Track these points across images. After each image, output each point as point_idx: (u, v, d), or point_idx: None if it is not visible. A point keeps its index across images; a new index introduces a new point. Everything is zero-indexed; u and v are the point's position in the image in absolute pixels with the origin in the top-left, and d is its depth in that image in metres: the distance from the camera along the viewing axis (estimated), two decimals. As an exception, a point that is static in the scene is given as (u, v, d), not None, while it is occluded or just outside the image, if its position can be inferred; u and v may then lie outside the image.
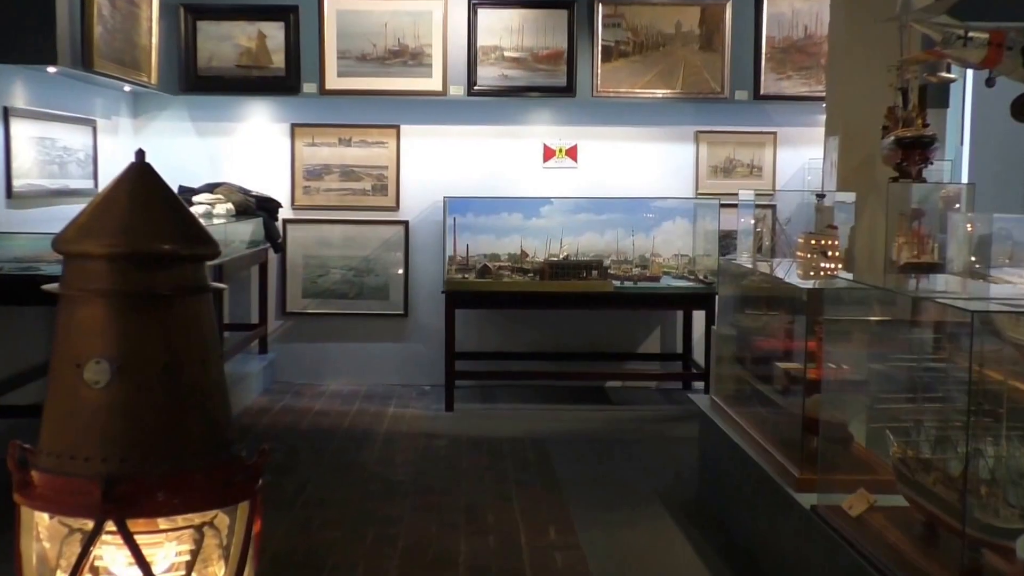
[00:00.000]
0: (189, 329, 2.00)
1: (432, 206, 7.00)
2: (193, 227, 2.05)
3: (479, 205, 6.80)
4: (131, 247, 1.95)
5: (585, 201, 6.87)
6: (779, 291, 4.23)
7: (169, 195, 2.05)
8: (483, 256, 6.76)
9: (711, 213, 6.70)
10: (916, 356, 3.28)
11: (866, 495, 3.25)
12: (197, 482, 1.95)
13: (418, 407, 6.52)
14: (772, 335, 4.33)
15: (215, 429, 2.00)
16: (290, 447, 5.53)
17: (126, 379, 1.94)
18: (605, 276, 6.59)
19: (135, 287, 1.96)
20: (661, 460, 5.43)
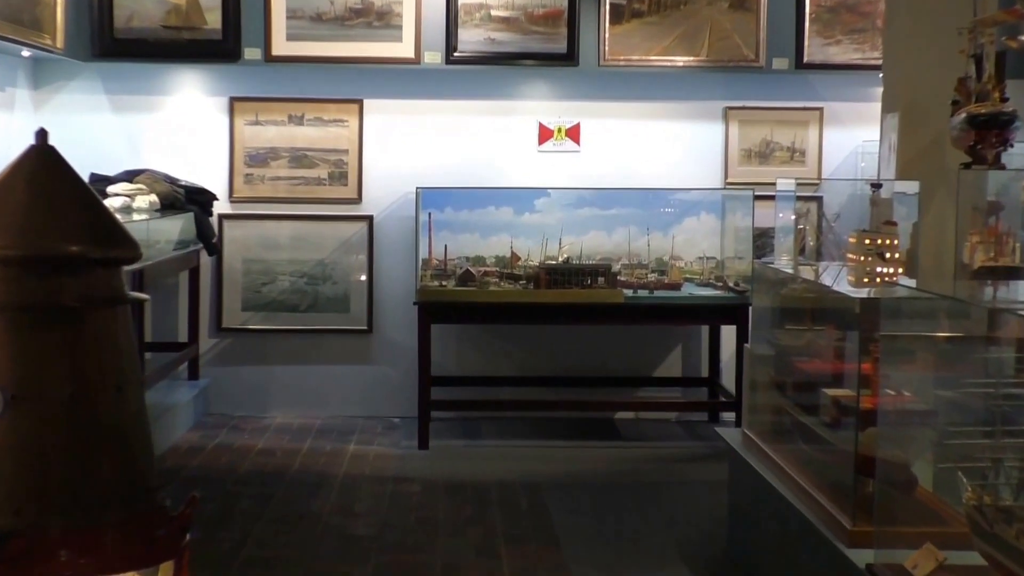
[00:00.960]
0: (102, 350, 1.98)
1: (402, 198, 7.00)
2: (107, 224, 2.03)
3: (460, 197, 6.80)
4: (29, 249, 1.94)
5: (589, 193, 6.88)
6: (826, 302, 4.23)
7: (77, 185, 2.03)
8: (465, 259, 6.76)
9: (743, 207, 6.71)
10: (994, 381, 3.27)
11: (934, 551, 3.25)
12: (110, 538, 1.93)
13: (385, 444, 6.51)
14: (818, 355, 4.33)
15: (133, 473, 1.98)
16: (226, 495, 5.52)
17: (22, 412, 1.92)
18: (614, 284, 6.60)
19: (34, 298, 1.94)
20: (682, 509, 5.43)
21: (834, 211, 5.10)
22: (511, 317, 6.61)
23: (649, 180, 7.00)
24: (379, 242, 7.05)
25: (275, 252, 7.04)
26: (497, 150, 7.05)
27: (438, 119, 7.05)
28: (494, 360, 7.11)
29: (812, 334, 4.44)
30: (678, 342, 7.18)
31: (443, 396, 6.70)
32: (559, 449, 6.51)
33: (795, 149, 7.10)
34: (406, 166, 7.01)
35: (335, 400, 7.10)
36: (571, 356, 7.12)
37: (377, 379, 7.11)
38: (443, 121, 7.05)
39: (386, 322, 7.08)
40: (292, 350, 7.09)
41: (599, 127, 7.07)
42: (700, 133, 7.11)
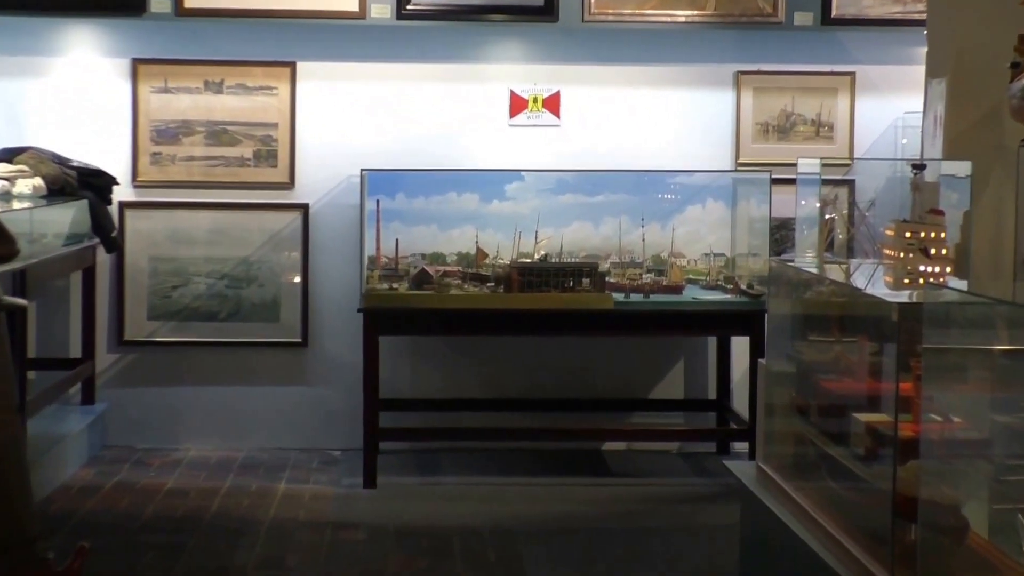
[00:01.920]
0: (-33, 366, 1.94)
1: (344, 183, 6.97)
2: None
3: (414, 181, 6.75)
4: None
5: (572, 176, 6.85)
6: (858, 307, 4.22)
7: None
8: (420, 257, 6.71)
9: (759, 193, 6.70)
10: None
11: (989, 610, 3.25)
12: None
13: (323, 482, 6.48)
14: (848, 373, 4.32)
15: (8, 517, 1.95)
16: (127, 545, 5.46)
17: None
18: (602, 286, 6.58)
19: None
20: (685, 560, 5.41)
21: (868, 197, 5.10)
22: (477, 327, 6.59)
23: (644, 160, 6.98)
24: (316, 236, 7.02)
25: (189, 248, 6.99)
26: (460, 124, 7.03)
27: (388, 87, 7.02)
28: (456, 379, 7.09)
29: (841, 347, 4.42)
30: (679, 357, 7.17)
31: (394, 423, 6.67)
32: (535, 488, 6.49)
33: (821, 123, 7.10)
34: (349, 144, 6.98)
35: (262, 429, 7.07)
36: (550, 374, 7.11)
37: (313, 403, 7.07)
38: (394, 89, 7.02)
39: (324, 333, 7.05)
40: (209, 368, 7.05)
41: (583, 96, 7.06)
42: (706, 104, 7.10)
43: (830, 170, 6.38)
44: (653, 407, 7.16)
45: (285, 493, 6.29)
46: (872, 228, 4.69)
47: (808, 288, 4.69)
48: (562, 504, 6.23)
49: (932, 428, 3.60)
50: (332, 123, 7.01)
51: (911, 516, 3.61)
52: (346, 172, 6.92)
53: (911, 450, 3.64)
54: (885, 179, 5.36)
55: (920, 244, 4.14)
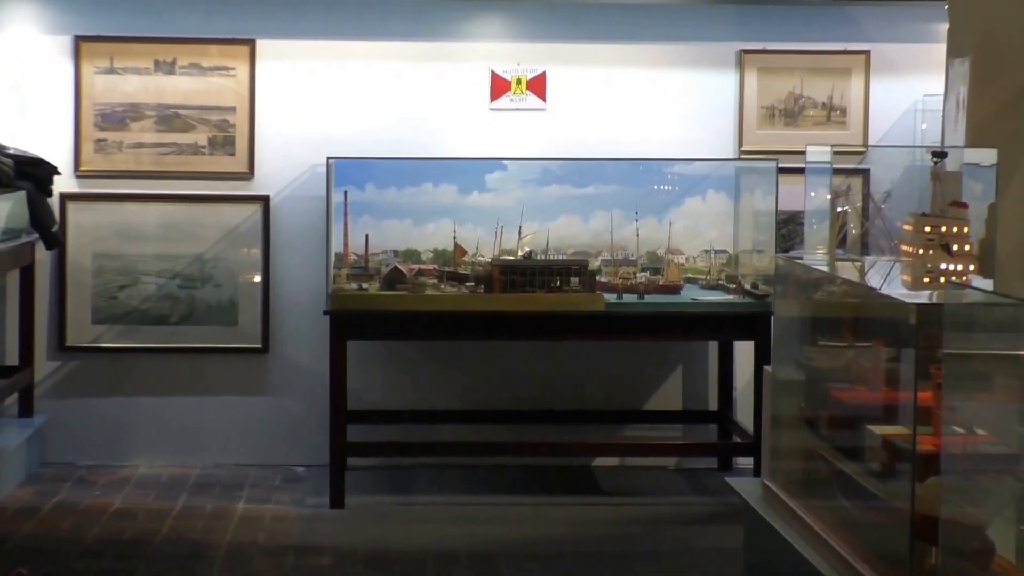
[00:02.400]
0: None
1: (308, 173, 6.96)
2: None
3: (386, 171, 6.74)
4: None
5: (559, 165, 6.84)
6: (873, 309, 4.23)
7: None
8: (392, 254, 6.70)
9: (764, 184, 6.70)
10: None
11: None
12: None
13: (285, 502, 6.48)
14: (862, 381, 4.33)
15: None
16: (68, 572, 5.43)
17: None
18: (592, 286, 6.58)
19: None
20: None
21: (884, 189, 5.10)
22: (454, 331, 6.58)
23: (638, 148, 6.98)
24: (278, 231, 7.00)
25: (137, 245, 6.98)
26: (436, 108, 7.02)
27: (357, 67, 7.01)
28: (432, 389, 7.09)
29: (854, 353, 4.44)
30: (677, 364, 7.17)
31: (363, 437, 6.66)
32: (518, 508, 6.49)
33: (832, 106, 7.10)
34: (314, 130, 6.97)
35: (218, 443, 7.06)
36: (534, 383, 7.11)
37: (275, 414, 7.07)
38: (364, 70, 7.01)
39: (287, 338, 7.04)
40: (160, 377, 7.04)
41: (571, 78, 7.06)
42: (706, 86, 7.10)
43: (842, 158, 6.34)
44: (648, 419, 7.16)
45: (243, 514, 6.27)
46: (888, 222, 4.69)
47: (818, 288, 4.70)
48: (548, 526, 6.22)
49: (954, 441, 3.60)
50: (295, 107, 6.99)
51: (931, 538, 3.61)
52: (311, 161, 6.91)
53: (931, 465, 3.65)
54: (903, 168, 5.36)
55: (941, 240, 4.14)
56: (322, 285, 6.65)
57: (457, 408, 7.06)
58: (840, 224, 4.90)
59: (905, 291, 4.07)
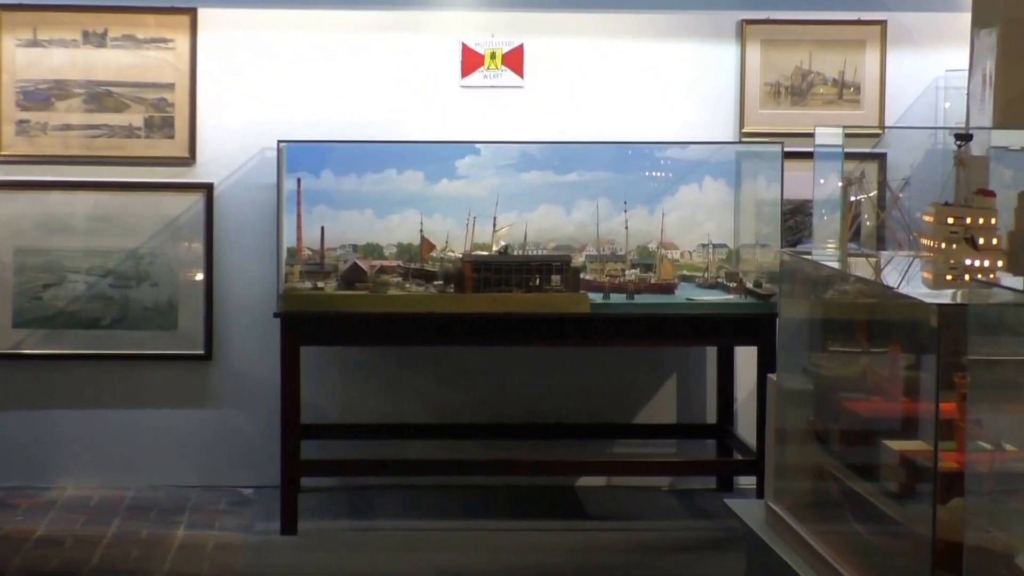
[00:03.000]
0: None
1: (257, 158, 6.96)
2: None
3: (344, 156, 6.72)
4: None
5: (538, 149, 6.83)
6: (890, 310, 4.24)
7: None
8: (351, 249, 6.69)
9: (768, 169, 6.71)
10: None
11: None
12: None
13: (231, 527, 6.48)
14: (877, 391, 4.33)
15: None
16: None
17: None
18: (575, 285, 6.58)
19: None
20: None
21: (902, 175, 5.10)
22: (421, 335, 6.57)
23: (627, 130, 6.99)
24: (222, 223, 7.00)
25: (64, 238, 6.97)
26: (400, 85, 7.02)
27: (311, 39, 7.01)
28: (396, 400, 7.09)
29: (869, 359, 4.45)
30: (671, 372, 7.19)
31: (319, 454, 6.68)
32: (494, 533, 6.49)
33: (845, 83, 7.11)
34: (263, 109, 6.97)
35: (156, 462, 7.05)
36: (512, 394, 7.13)
37: (219, 429, 7.07)
38: (319, 42, 7.01)
39: (233, 344, 7.04)
40: (90, 387, 7.04)
41: (552, 51, 7.06)
42: (704, 60, 7.11)
43: (856, 141, 6.40)
44: (639, 433, 7.19)
45: (184, 542, 6.27)
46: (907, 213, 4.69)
47: (828, 287, 4.71)
48: (526, 554, 6.23)
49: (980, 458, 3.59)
50: (242, 84, 6.99)
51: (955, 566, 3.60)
52: (259, 144, 6.91)
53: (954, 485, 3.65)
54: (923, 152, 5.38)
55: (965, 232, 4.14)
56: (272, 284, 6.65)
57: (424, 422, 7.07)
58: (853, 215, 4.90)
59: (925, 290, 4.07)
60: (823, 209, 5.12)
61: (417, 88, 7.02)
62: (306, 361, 6.49)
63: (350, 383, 7.08)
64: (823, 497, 4.59)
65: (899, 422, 4.14)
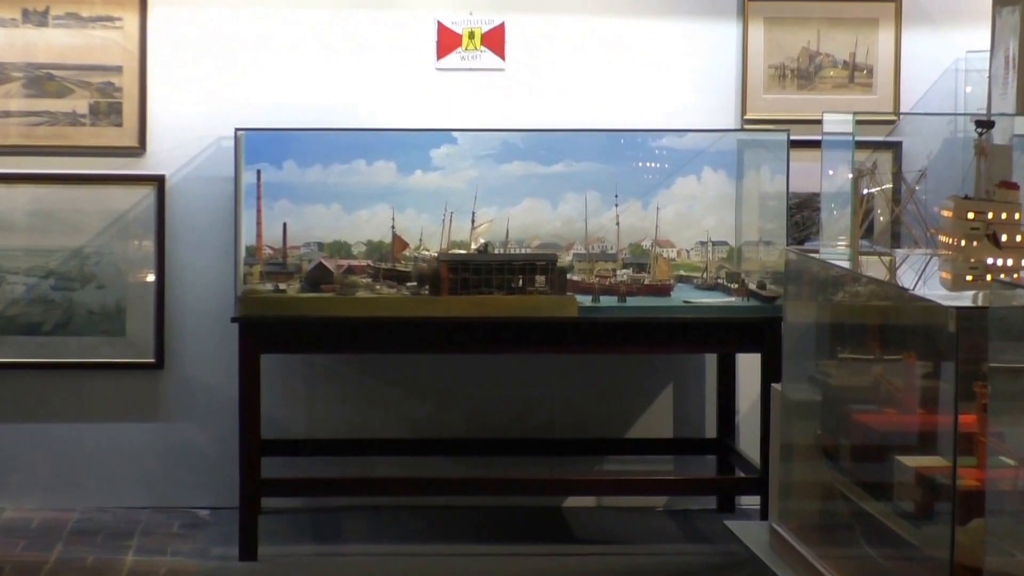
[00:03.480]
0: None
1: (214, 147, 6.96)
2: None
3: (308, 145, 6.70)
4: None
5: (521, 138, 6.81)
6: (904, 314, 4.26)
7: None
8: (316, 247, 6.67)
9: (772, 160, 6.70)
10: None
11: None
12: None
13: (185, 553, 6.48)
14: (891, 402, 4.36)
15: None
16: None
17: None
18: (562, 286, 6.59)
19: None
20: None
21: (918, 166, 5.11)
22: (393, 342, 6.56)
23: (619, 117, 7.01)
24: (175, 219, 7.00)
25: (2, 236, 6.97)
26: (370, 68, 7.03)
27: (273, 17, 7.01)
28: (366, 414, 7.11)
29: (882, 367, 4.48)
30: (667, 382, 7.21)
31: (281, 473, 6.68)
32: (473, 559, 6.49)
33: (856, 65, 7.11)
34: (220, 95, 6.97)
35: (102, 480, 7.05)
36: (493, 406, 7.14)
37: (172, 445, 7.07)
38: (281, 20, 7.01)
39: (187, 351, 7.05)
40: (30, 399, 7.04)
41: (536, 30, 7.07)
42: (702, 39, 7.13)
43: (868, 129, 6.41)
44: (632, 449, 7.20)
45: (134, 568, 6.26)
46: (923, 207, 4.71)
47: (838, 288, 4.73)
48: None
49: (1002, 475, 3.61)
50: (197, 66, 6.98)
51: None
52: (216, 132, 6.91)
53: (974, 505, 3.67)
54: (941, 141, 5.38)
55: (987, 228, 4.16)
56: (230, 286, 6.63)
57: (397, 437, 7.07)
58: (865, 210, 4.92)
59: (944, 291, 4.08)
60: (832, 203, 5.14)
61: (388, 71, 7.03)
62: (267, 370, 6.49)
63: (315, 394, 7.09)
64: (832, 518, 4.61)
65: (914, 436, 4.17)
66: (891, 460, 4.15)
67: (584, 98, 7.05)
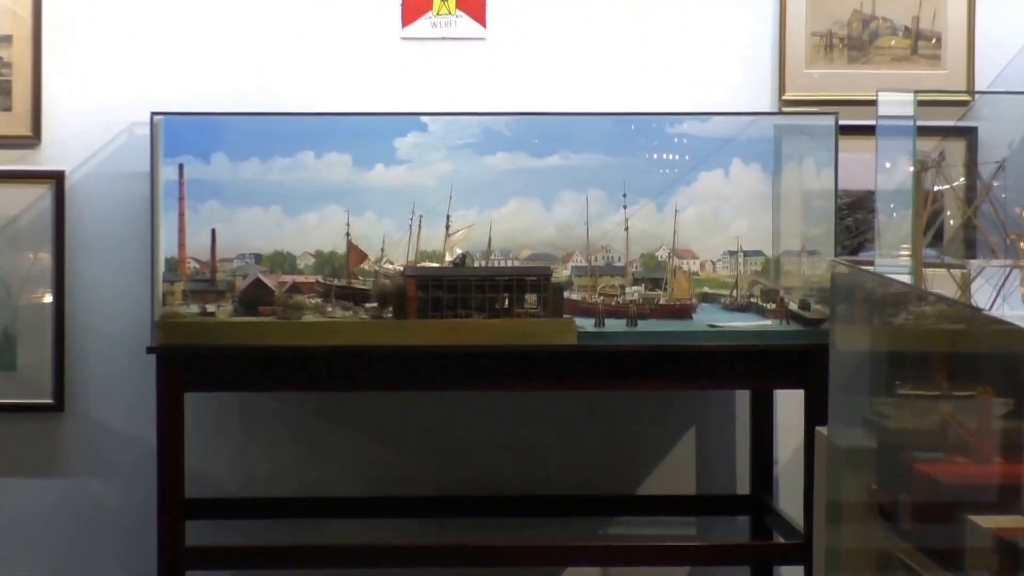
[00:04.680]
0: None
1: (124, 136, 7.00)
2: None
3: (242, 133, 6.73)
4: None
5: (507, 123, 6.84)
6: (980, 340, 4.25)
7: None
8: (253, 260, 6.68)
9: (818, 150, 6.74)
10: None
11: None
12: None
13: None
14: (963, 449, 4.36)
15: None
16: None
17: None
18: (558, 307, 6.61)
19: None
20: None
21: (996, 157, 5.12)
22: (349, 377, 6.59)
23: (627, 98, 7.04)
24: (77, 225, 7.03)
25: None
26: (318, 39, 7.06)
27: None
28: (316, 466, 7.15)
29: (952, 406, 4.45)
30: (688, 425, 7.24)
31: (211, 539, 6.73)
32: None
33: (920, 33, 7.14)
34: (133, 72, 7.01)
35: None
36: (472, 457, 7.18)
37: (75, 504, 7.09)
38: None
39: (92, 389, 7.07)
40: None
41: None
42: (731, 3, 7.14)
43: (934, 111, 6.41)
44: (646, 508, 7.23)
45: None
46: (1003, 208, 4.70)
47: (898, 308, 4.75)
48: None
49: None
50: (105, 37, 7.01)
51: None
52: (127, 118, 6.95)
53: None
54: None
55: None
56: (146, 308, 6.65)
57: (355, 495, 7.11)
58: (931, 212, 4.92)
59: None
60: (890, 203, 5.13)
61: (341, 42, 7.07)
62: (192, 412, 6.54)
63: (252, 443, 7.13)
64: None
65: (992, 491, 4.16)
66: (963, 520, 4.13)
67: (585, 74, 7.09)
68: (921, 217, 4.87)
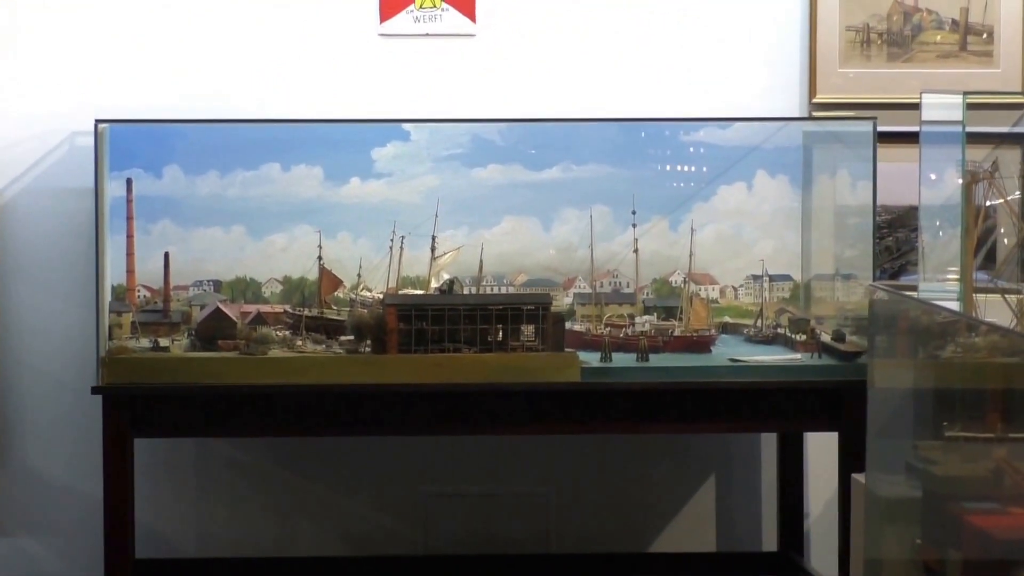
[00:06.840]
0: None
1: (65, 146, 7.02)
2: None
3: (199, 144, 6.74)
4: None
5: (500, 131, 6.85)
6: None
7: None
8: (211, 287, 6.68)
9: (853, 159, 6.75)
10: None
11: None
12: None
13: None
14: (1016, 498, 4.35)
15: None
16: None
17: None
18: (559, 339, 6.62)
19: None
20: None
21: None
22: (321, 421, 6.59)
23: (636, 102, 7.07)
24: (11, 249, 7.07)
25: None
26: (286, 37, 7.08)
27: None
28: (284, 522, 7.17)
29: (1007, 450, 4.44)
30: (707, 473, 7.26)
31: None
32: None
33: (970, 26, 7.15)
34: (75, 74, 7.03)
35: (-89, 620, 7.05)
36: (463, 510, 7.20)
37: (11, 568, 7.10)
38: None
39: (29, 436, 7.10)
40: None
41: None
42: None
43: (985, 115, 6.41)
44: (660, 568, 7.23)
45: None
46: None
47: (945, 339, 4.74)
48: None
49: None
50: (43, 33, 7.03)
51: None
52: (68, 126, 6.98)
53: None
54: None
55: None
56: (90, 341, 6.65)
57: (329, 554, 7.13)
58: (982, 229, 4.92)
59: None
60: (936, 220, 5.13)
61: (311, 40, 7.10)
62: (143, 461, 6.56)
63: (211, 496, 7.14)
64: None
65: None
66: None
67: (587, 74, 7.13)
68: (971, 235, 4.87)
